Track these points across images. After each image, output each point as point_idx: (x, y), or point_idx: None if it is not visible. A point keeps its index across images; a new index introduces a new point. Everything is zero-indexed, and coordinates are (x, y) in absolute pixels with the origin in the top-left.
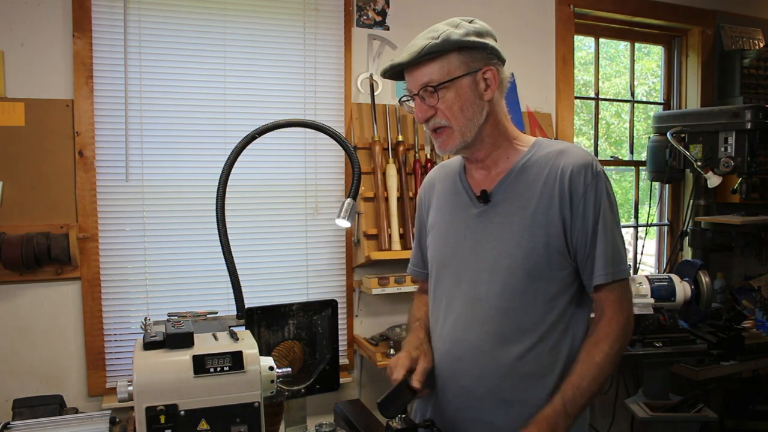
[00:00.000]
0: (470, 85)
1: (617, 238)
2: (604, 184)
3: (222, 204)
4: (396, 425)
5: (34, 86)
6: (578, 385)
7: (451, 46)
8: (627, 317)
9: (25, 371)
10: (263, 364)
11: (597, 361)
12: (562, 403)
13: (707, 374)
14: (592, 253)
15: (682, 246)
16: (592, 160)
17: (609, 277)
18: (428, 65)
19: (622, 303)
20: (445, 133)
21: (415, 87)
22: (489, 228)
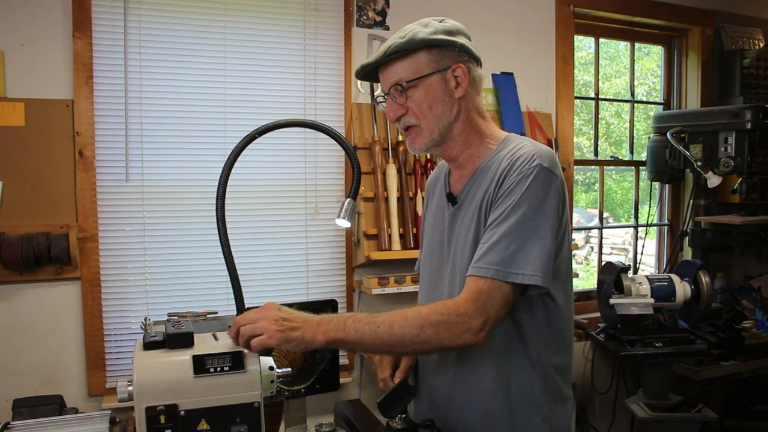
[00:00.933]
0: (439, 83)
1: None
2: (531, 179)
3: (222, 204)
4: (396, 425)
5: (34, 86)
6: (375, 316)
7: (417, 45)
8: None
9: (25, 371)
10: (263, 364)
11: (406, 312)
12: (352, 315)
13: (707, 374)
14: (487, 239)
15: (682, 246)
16: (533, 154)
17: (488, 272)
18: (397, 64)
19: (482, 297)
20: (413, 131)
21: (386, 86)
22: (455, 229)
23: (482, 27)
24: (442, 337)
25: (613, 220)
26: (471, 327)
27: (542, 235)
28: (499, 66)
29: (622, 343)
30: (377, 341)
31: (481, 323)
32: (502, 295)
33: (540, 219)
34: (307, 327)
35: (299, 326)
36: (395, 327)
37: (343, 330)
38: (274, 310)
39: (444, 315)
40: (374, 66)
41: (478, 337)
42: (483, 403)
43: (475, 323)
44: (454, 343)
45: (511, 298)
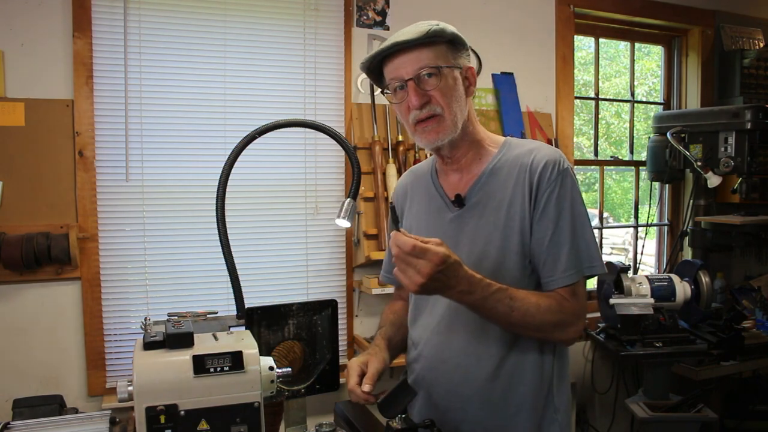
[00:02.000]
0: (459, 79)
1: (584, 235)
2: (569, 180)
3: (222, 204)
4: (396, 425)
5: (34, 86)
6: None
7: (447, 37)
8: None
9: (25, 371)
10: (263, 364)
11: (540, 303)
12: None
13: (707, 374)
14: (556, 250)
15: (682, 246)
16: (559, 157)
17: (575, 276)
18: (425, 50)
19: (579, 299)
20: (436, 121)
21: (411, 72)
22: (465, 231)
23: (482, 27)
24: (555, 332)
25: (613, 220)
26: (578, 328)
27: (589, 226)
28: (499, 66)
29: (622, 343)
30: (504, 321)
31: (582, 323)
32: (584, 290)
33: (584, 212)
34: (449, 292)
35: (443, 287)
36: (527, 316)
37: (482, 303)
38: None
39: (565, 314)
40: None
41: (578, 337)
42: (498, 401)
43: (580, 324)
44: (559, 339)
45: (586, 288)
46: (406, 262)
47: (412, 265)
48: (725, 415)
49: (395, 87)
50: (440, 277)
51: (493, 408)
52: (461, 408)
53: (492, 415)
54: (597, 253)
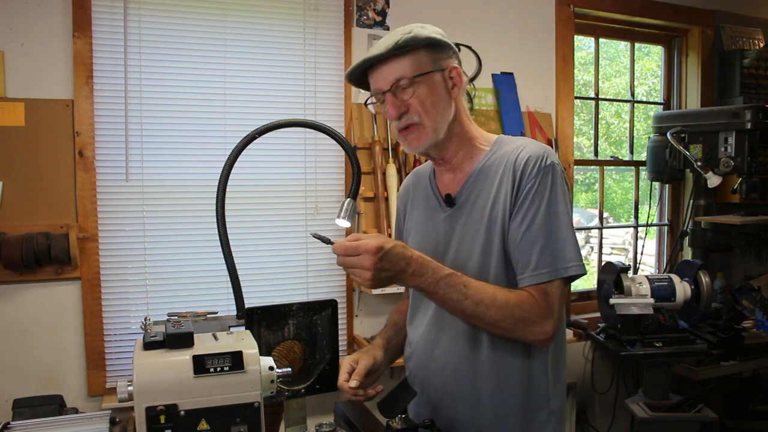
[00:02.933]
0: (440, 82)
1: (561, 234)
2: (551, 177)
3: (222, 204)
4: (396, 425)
5: (34, 86)
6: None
7: (421, 42)
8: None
9: (25, 371)
10: (263, 364)
11: (496, 296)
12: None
13: (707, 374)
14: (529, 247)
15: (682, 246)
16: (544, 152)
17: (548, 275)
18: (399, 60)
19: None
20: (416, 129)
21: (387, 83)
22: (455, 231)
23: (482, 27)
24: (517, 330)
25: (613, 220)
26: (545, 330)
27: (570, 225)
28: (499, 66)
29: (622, 343)
30: (458, 310)
31: (552, 325)
32: (561, 292)
33: (565, 211)
34: (401, 276)
35: (394, 275)
36: (481, 306)
37: (433, 287)
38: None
39: (527, 311)
40: (366, 67)
41: (549, 341)
42: (494, 397)
43: (548, 326)
44: (525, 338)
45: (566, 291)
46: (349, 264)
47: (355, 264)
48: (725, 415)
49: (377, 98)
50: (384, 264)
51: (482, 408)
52: (452, 407)
53: (482, 414)
54: (574, 253)
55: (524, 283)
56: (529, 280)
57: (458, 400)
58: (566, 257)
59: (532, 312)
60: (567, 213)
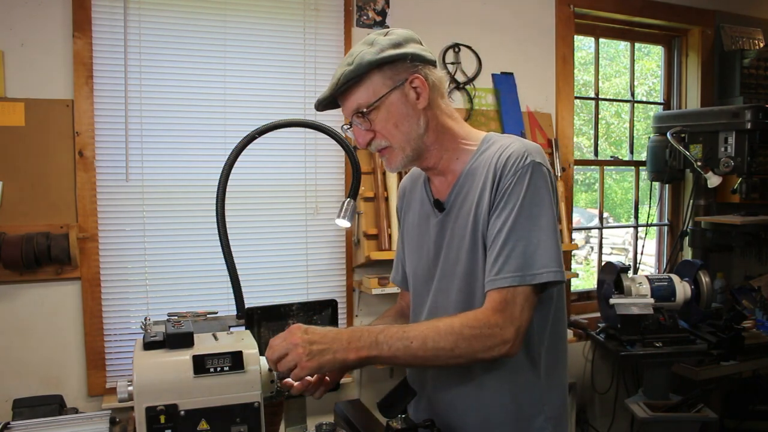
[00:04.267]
0: (400, 99)
1: (534, 237)
2: (529, 176)
3: (222, 204)
4: (396, 425)
5: (34, 86)
6: (406, 330)
7: (366, 68)
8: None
9: (25, 371)
10: (263, 364)
11: (438, 326)
12: (383, 329)
13: (707, 374)
14: (500, 249)
15: (682, 246)
16: (524, 151)
17: (508, 281)
18: (353, 92)
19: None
20: (387, 152)
21: (348, 114)
22: (445, 236)
23: (482, 27)
24: (476, 350)
25: (613, 220)
26: (504, 338)
27: (549, 229)
28: (499, 66)
29: (622, 343)
30: (410, 357)
31: (513, 333)
32: (526, 299)
33: (544, 214)
34: (337, 347)
35: (328, 347)
36: (428, 342)
37: (375, 347)
38: (300, 333)
39: (476, 328)
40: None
41: (512, 348)
42: (484, 406)
43: (507, 334)
44: (489, 355)
45: (534, 299)
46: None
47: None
48: (725, 415)
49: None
50: (312, 337)
51: (476, 414)
52: (446, 413)
53: (476, 421)
54: (547, 258)
55: (489, 286)
56: (490, 284)
57: (451, 406)
58: (537, 262)
59: (483, 325)
60: (546, 215)
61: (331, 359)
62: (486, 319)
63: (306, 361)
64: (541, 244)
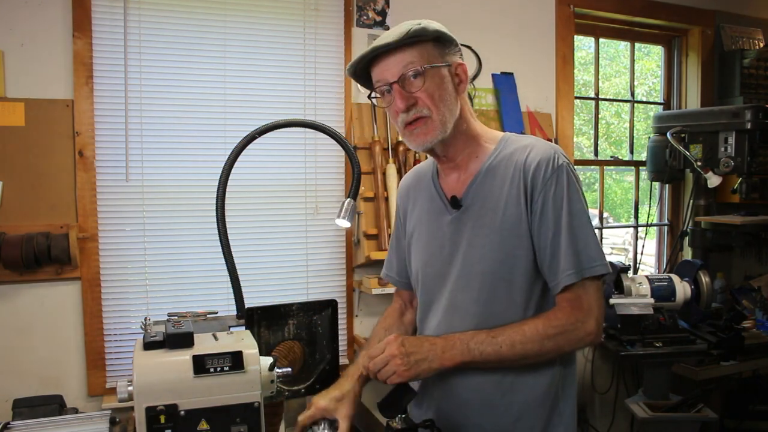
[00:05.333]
0: (448, 77)
1: (582, 234)
2: (565, 177)
3: (222, 204)
4: (396, 425)
5: (34, 86)
6: (494, 335)
7: (431, 35)
8: (585, 316)
9: (25, 371)
10: (263, 364)
11: (523, 329)
12: (472, 336)
13: (707, 374)
14: (555, 252)
15: (682, 246)
16: (554, 154)
17: (574, 276)
18: (408, 51)
19: (582, 300)
20: (423, 123)
21: (395, 74)
22: (463, 233)
23: (482, 27)
24: (562, 346)
25: (613, 220)
26: (588, 330)
27: (590, 224)
28: (499, 66)
29: (622, 343)
30: (501, 359)
31: (594, 323)
32: (594, 290)
33: (584, 210)
34: (433, 357)
35: (425, 357)
36: (517, 345)
37: (468, 353)
38: (397, 345)
39: (560, 327)
40: (369, 60)
41: (596, 338)
42: (492, 404)
43: (589, 326)
44: (576, 347)
45: (601, 288)
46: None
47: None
48: (725, 415)
49: (382, 90)
50: (409, 348)
51: (493, 413)
52: (461, 412)
53: (492, 419)
54: (597, 253)
55: (556, 289)
56: (561, 284)
57: (467, 406)
58: (590, 257)
59: (565, 322)
60: (584, 210)
61: (427, 368)
62: (566, 317)
63: (404, 370)
64: (588, 239)
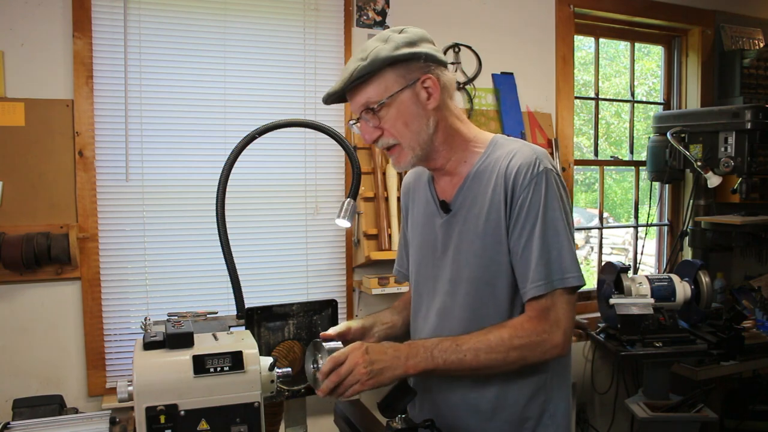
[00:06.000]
0: (411, 98)
1: (555, 244)
2: (543, 184)
3: (222, 204)
4: (396, 425)
5: (34, 86)
6: (459, 343)
7: (381, 64)
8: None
9: (25, 371)
10: (263, 364)
11: (489, 339)
12: (437, 343)
13: (707, 374)
14: (526, 261)
15: (682, 246)
16: (535, 159)
17: (543, 288)
18: (364, 87)
19: (550, 312)
20: (395, 150)
21: (356, 110)
22: (452, 237)
23: (482, 27)
24: (527, 357)
25: (613, 220)
26: (554, 342)
27: (565, 233)
28: (499, 66)
29: (622, 343)
30: (465, 368)
31: (561, 336)
32: (563, 302)
33: (559, 218)
34: (396, 365)
35: (389, 365)
36: (481, 354)
37: (431, 361)
38: (361, 353)
39: (525, 337)
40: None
41: (563, 350)
42: (489, 406)
43: (556, 338)
44: (542, 359)
45: (573, 299)
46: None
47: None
48: (725, 415)
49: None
50: (373, 356)
51: (481, 415)
52: (450, 414)
53: (480, 422)
54: (570, 263)
55: (526, 297)
56: (529, 293)
57: (455, 408)
58: (562, 268)
59: (531, 333)
60: (563, 219)
61: (390, 376)
62: (533, 327)
63: (367, 380)
64: (562, 249)
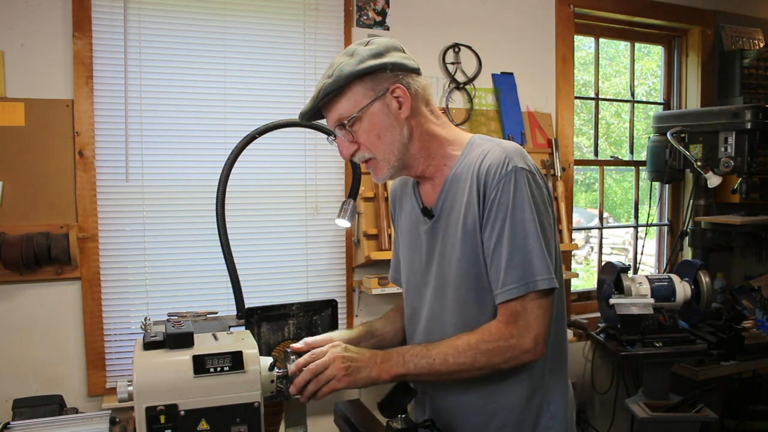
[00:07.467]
0: (381, 110)
1: (525, 245)
2: (512, 184)
3: (222, 204)
4: (396, 425)
5: (34, 86)
6: (429, 348)
7: (346, 80)
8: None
9: (25, 371)
10: (263, 364)
11: (457, 344)
12: (409, 348)
13: (707, 374)
14: (496, 263)
15: (682, 246)
16: (504, 158)
17: (513, 291)
18: (334, 104)
19: (519, 316)
20: (372, 164)
21: (332, 126)
22: (436, 243)
23: (482, 27)
24: (495, 362)
25: (613, 220)
26: (523, 348)
27: (535, 234)
28: (499, 66)
29: (622, 343)
30: (435, 373)
31: (531, 340)
32: (534, 306)
33: (528, 218)
34: (372, 366)
35: (365, 365)
36: (449, 359)
37: (403, 365)
38: (341, 349)
39: (492, 342)
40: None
41: (534, 355)
42: (488, 407)
43: (525, 343)
44: (511, 365)
45: (546, 302)
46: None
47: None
48: (725, 415)
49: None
50: (351, 354)
51: (479, 417)
52: (449, 416)
53: (479, 423)
54: (540, 266)
55: (497, 300)
56: (500, 297)
57: (452, 410)
58: (534, 269)
59: (499, 338)
60: (533, 220)
61: (366, 376)
62: (500, 332)
63: (344, 375)
64: (533, 251)
